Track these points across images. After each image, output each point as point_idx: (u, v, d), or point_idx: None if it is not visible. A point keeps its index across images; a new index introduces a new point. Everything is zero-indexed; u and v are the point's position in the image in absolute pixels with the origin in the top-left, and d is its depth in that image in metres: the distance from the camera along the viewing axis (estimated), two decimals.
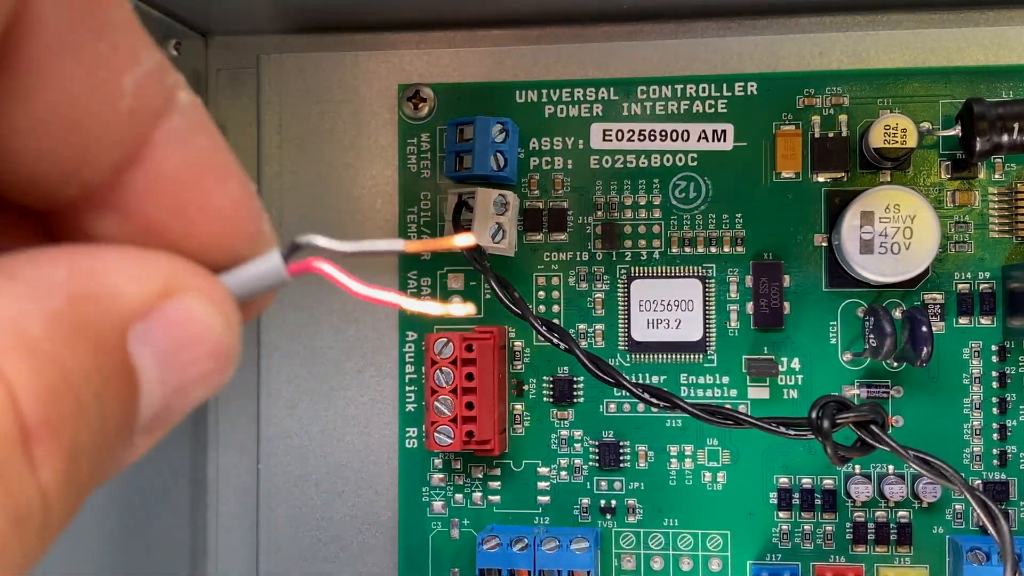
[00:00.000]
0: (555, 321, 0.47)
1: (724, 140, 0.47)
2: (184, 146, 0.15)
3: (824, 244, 0.46)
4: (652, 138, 0.47)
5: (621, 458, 0.47)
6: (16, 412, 0.12)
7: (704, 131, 0.47)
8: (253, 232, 0.16)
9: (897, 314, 0.45)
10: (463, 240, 0.19)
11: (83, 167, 0.14)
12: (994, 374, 0.46)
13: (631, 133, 0.48)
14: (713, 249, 0.47)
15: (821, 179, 0.46)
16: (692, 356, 0.47)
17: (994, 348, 0.46)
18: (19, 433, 0.12)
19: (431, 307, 0.18)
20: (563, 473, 0.48)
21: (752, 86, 0.47)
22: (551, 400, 0.48)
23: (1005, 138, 0.42)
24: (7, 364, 0.12)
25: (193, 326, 0.15)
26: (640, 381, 0.46)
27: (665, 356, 0.47)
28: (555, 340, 0.43)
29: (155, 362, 0.14)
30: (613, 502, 0.48)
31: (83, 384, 0.13)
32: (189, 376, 0.15)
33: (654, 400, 0.42)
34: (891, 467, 0.46)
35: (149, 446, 0.15)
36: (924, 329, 0.42)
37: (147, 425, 0.15)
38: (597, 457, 0.47)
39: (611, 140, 0.48)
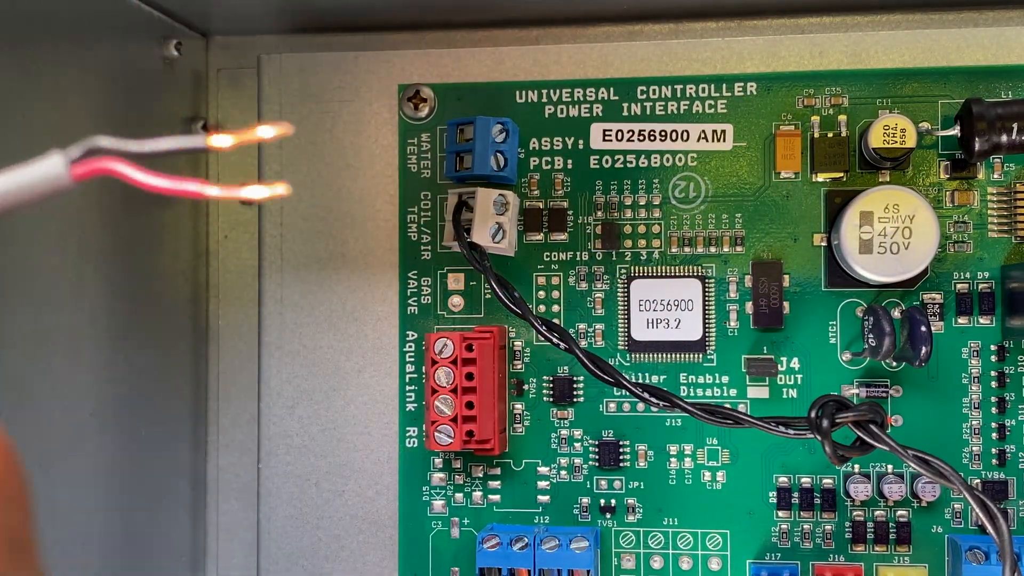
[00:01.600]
0: (555, 321, 0.47)
1: (724, 140, 0.47)
2: None
3: (824, 244, 0.46)
4: (652, 138, 0.48)
5: (621, 457, 0.47)
6: None
7: (704, 131, 0.47)
8: None
9: (896, 314, 0.45)
10: (266, 131, 0.21)
11: None
12: (993, 374, 0.46)
13: (631, 133, 0.48)
14: (713, 249, 0.47)
15: (821, 179, 0.46)
16: (692, 356, 0.47)
17: (993, 348, 0.46)
18: None
19: (235, 192, 0.20)
20: (563, 472, 0.48)
21: (752, 86, 0.47)
22: (551, 400, 0.48)
23: (1004, 138, 0.42)
24: None
25: None
26: (640, 381, 0.46)
27: (665, 356, 0.47)
28: (555, 340, 0.43)
29: None
30: (613, 501, 0.48)
31: None
32: None
33: (654, 400, 0.42)
34: (890, 466, 0.46)
35: None
36: (923, 329, 0.42)
37: None
38: (597, 456, 0.48)
39: (611, 140, 0.48)
